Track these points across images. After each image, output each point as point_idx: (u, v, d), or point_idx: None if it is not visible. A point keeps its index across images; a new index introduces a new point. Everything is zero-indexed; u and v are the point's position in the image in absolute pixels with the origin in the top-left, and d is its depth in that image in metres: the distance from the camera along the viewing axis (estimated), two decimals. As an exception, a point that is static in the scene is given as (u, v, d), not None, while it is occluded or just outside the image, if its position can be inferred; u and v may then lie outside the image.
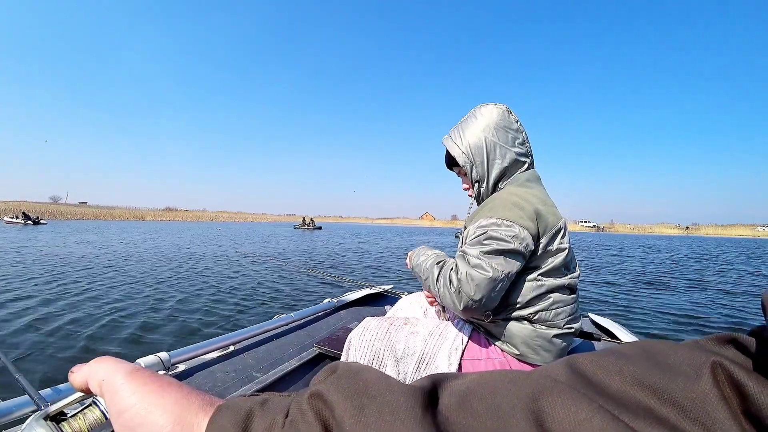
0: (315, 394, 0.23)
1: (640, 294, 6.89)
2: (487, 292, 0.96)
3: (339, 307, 2.34)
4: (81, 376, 0.30)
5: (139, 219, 76.01)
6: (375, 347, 1.14)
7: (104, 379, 0.28)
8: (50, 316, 4.18)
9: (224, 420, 0.23)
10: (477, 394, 0.21)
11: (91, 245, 13.67)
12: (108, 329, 3.83)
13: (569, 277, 1.09)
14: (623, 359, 0.20)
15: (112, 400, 0.27)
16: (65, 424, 0.30)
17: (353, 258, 12.65)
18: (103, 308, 4.59)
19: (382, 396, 0.21)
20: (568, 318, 1.07)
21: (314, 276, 7.25)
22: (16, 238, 16.18)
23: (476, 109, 1.17)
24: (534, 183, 1.14)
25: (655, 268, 11.47)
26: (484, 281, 0.95)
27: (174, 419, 0.24)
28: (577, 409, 0.17)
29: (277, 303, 5.25)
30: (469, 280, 0.96)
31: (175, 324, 4.08)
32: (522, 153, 1.14)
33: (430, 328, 1.15)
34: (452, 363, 1.07)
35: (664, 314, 5.26)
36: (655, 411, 0.17)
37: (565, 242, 1.08)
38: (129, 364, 0.29)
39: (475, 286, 0.96)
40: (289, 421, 0.22)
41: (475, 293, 0.95)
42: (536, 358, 1.04)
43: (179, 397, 0.26)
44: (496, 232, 0.99)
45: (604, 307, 5.61)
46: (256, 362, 1.53)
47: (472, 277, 0.96)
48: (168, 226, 42.07)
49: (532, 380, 0.21)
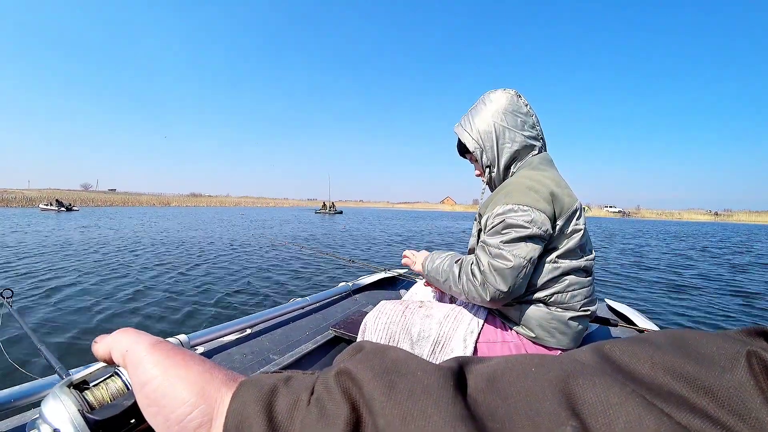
0: (342, 371, 0.23)
1: (655, 289, 6.70)
2: (513, 281, 0.96)
3: (354, 290, 2.37)
4: (104, 346, 0.31)
5: (165, 205, 78.36)
6: (390, 330, 1.15)
7: (127, 350, 0.28)
8: (79, 293, 4.41)
9: (247, 395, 0.23)
10: (504, 376, 0.20)
11: (122, 231, 14.21)
12: (128, 310, 4.00)
13: (585, 259, 1.08)
14: (653, 347, 0.20)
15: (135, 371, 0.27)
16: (88, 392, 0.30)
17: (370, 242, 12.77)
18: (125, 289, 4.80)
19: (413, 374, 0.21)
20: (585, 300, 1.06)
21: (330, 259, 7.32)
22: (56, 224, 16.95)
23: (485, 95, 1.17)
24: (547, 166, 1.12)
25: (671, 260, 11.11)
26: (507, 271, 0.95)
27: (197, 392, 0.24)
28: (609, 393, 0.17)
29: (293, 286, 5.36)
30: (493, 271, 0.97)
31: (194, 306, 4.22)
32: (532, 136, 1.13)
33: (446, 312, 1.15)
34: (468, 346, 1.07)
35: (680, 309, 5.11)
36: (689, 399, 0.17)
37: (580, 224, 1.07)
38: (152, 336, 0.29)
39: (500, 277, 0.96)
40: (314, 398, 0.22)
41: (501, 284, 0.96)
42: (552, 341, 1.04)
43: (202, 370, 0.26)
44: (513, 219, 0.98)
45: (622, 293, 5.50)
46: (273, 344, 1.56)
47: (496, 267, 0.97)
48: (193, 212, 43.32)
49: (560, 364, 0.20)
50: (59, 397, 0.29)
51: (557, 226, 1.02)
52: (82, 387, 0.31)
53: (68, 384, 0.30)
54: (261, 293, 4.90)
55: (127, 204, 71.88)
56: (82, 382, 0.31)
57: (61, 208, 35.08)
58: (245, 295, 4.79)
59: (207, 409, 0.24)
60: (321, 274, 6.33)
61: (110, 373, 0.32)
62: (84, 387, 0.31)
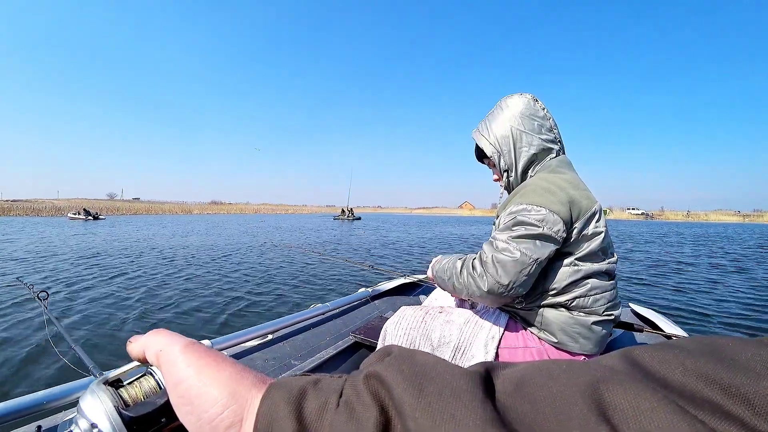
0: (371, 374, 0.23)
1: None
2: (514, 275, 0.95)
3: (374, 296, 2.37)
4: (138, 346, 0.32)
5: (187, 213, 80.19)
6: (411, 336, 1.16)
7: (161, 350, 0.29)
8: (107, 297, 4.56)
9: (277, 397, 0.23)
10: (532, 381, 0.20)
11: (147, 238, 14.62)
12: (154, 315, 4.11)
13: (607, 262, 1.06)
14: (684, 353, 0.19)
15: (169, 371, 0.28)
16: (123, 390, 0.32)
17: (388, 248, 12.74)
18: (150, 294, 4.94)
19: (442, 378, 0.21)
20: (608, 304, 1.04)
21: (349, 265, 7.36)
22: (84, 232, 17.57)
23: (502, 100, 1.17)
24: (565, 168, 1.12)
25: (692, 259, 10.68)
26: (510, 263, 0.95)
27: (228, 393, 0.25)
28: (640, 399, 0.17)
29: (313, 292, 5.40)
30: (496, 263, 0.96)
31: (217, 311, 4.30)
32: (550, 140, 1.13)
33: (466, 317, 1.15)
34: (489, 351, 1.06)
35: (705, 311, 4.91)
36: (723, 406, 0.16)
37: (600, 226, 1.05)
38: (184, 337, 0.31)
39: (502, 268, 0.95)
40: (343, 401, 0.22)
41: (502, 277, 0.95)
42: (575, 346, 1.03)
43: (233, 372, 0.27)
44: (525, 217, 0.98)
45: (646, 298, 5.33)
46: (294, 350, 1.58)
47: (499, 260, 0.96)
48: (215, 219, 44.22)
49: (588, 369, 0.20)
50: (96, 393, 0.30)
51: (575, 230, 1.01)
52: (118, 385, 0.33)
53: (104, 381, 0.32)
54: (282, 299, 4.96)
55: (150, 212, 73.96)
56: (117, 380, 0.33)
57: (88, 217, 36.41)
58: (267, 301, 4.86)
59: (238, 410, 0.25)
60: (340, 279, 6.37)
61: (143, 372, 0.34)
62: (119, 385, 0.33)
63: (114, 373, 0.33)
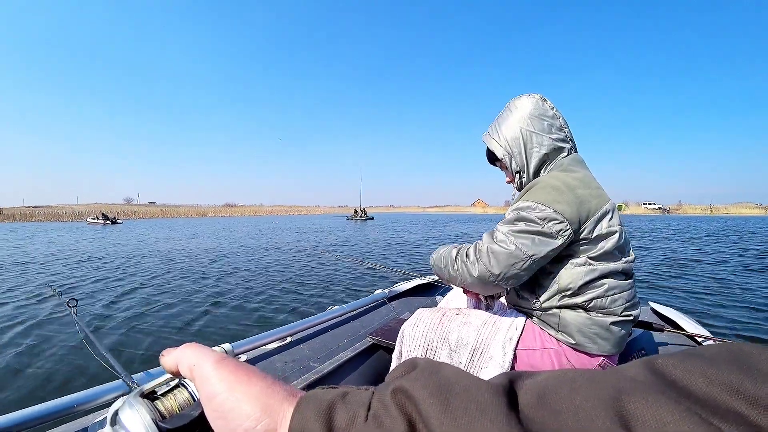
0: (398, 389, 0.23)
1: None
2: (506, 267, 0.97)
3: (390, 297, 2.37)
4: (171, 359, 0.33)
5: (202, 215, 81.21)
6: (428, 338, 1.17)
7: (195, 364, 0.30)
8: (132, 300, 4.67)
9: (308, 411, 0.24)
10: (554, 392, 0.21)
11: (170, 241, 14.88)
12: (175, 319, 4.20)
13: (624, 261, 1.05)
14: (707, 362, 0.19)
15: (203, 385, 0.29)
16: (159, 402, 0.33)
17: (403, 248, 12.73)
18: (175, 297, 5.04)
19: (467, 392, 0.21)
20: (626, 304, 1.03)
21: (365, 267, 7.40)
22: (103, 236, 17.97)
23: (510, 102, 1.18)
24: (577, 166, 1.11)
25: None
26: (503, 254, 0.97)
27: (261, 407, 0.26)
28: (663, 411, 0.17)
29: (330, 294, 5.45)
30: (490, 253, 0.99)
31: (237, 314, 4.39)
32: (561, 138, 1.12)
33: (484, 318, 1.15)
34: (506, 353, 1.07)
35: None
36: (748, 417, 0.16)
37: (614, 225, 1.04)
38: (216, 351, 0.31)
39: (495, 259, 0.98)
40: (372, 414, 0.22)
41: (494, 267, 0.98)
42: (593, 347, 1.02)
43: (264, 386, 0.28)
44: (527, 213, 0.99)
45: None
46: (313, 352, 1.59)
47: (493, 250, 0.99)
48: (229, 222, 44.73)
49: (611, 380, 0.20)
50: (134, 406, 0.32)
51: (585, 229, 1.00)
52: (153, 396, 0.34)
53: (140, 393, 0.34)
54: (299, 302, 5.02)
55: (166, 215, 75.15)
56: (152, 391, 0.34)
57: (106, 222, 37.30)
58: (284, 303, 4.93)
59: (270, 423, 0.25)
60: (356, 281, 6.41)
61: (175, 384, 0.35)
62: (154, 396, 0.34)
63: (149, 385, 0.35)
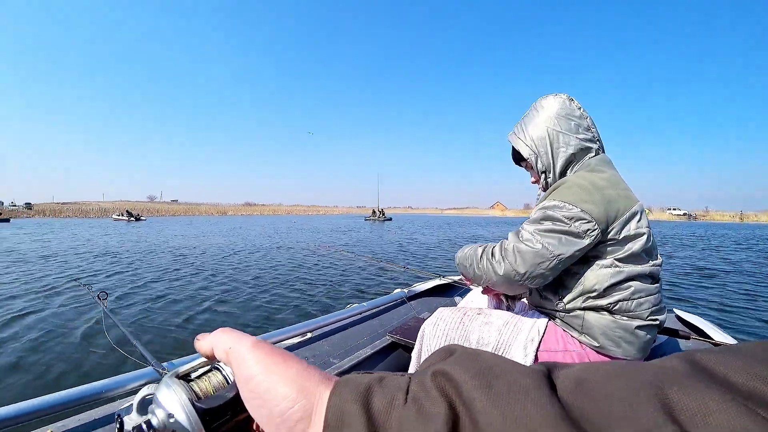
0: (439, 372, 0.23)
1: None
2: (531, 266, 0.96)
3: (409, 297, 2.38)
4: (207, 343, 0.33)
5: (222, 214, 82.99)
6: (449, 337, 1.16)
7: (231, 347, 0.31)
8: (157, 295, 4.82)
9: (345, 393, 0.24)
10: (592, 380, 0.20)
11: (196, 239, 15.25)
12: (200, 314, 4.32)
13: (651, 264, 1.03)
14: (747, 357, 0.18)
15: (239, 368, 0.29)
16: (194, 384, 0.34)
17: (422, 248, 12.71)
18: (197, 292, 5.18)
19: (508, 375, 0.21)
20: (652, 308, 1.01)
21: (384, 267, 7.42)
22: (127, 232, 18.55)
23: (537, 102, 1.17)
24: (605, 166, 1.10)
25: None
26: (530, 253, 0.97)
27: (297, 389, 0.26)
28: (708, 400, 0.16)
29: (349, 292, 5.50)
30: (516, 252, 0.99)
31: (259, 311, 4.48)
32: (588, 139, 1.11)
33: (505, 319, 1.15)
34: (528, 354, 1.06)
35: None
36: None
37: (643, 227, 1.02)
38: (251, 336, 0.32)
39: (521, 257, 0.97)
40: (411, 398, 0.22)
41: (520, 266, 0.97)
42: (617, 351, 1.00)
43: (301, 369, 0.28)
44: (554, 212, 0.98)
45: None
46: (332, 349, 1.62)
47: (519, 249, 0.98)
48: (249, 221, 45.56)
49: (650, 370, 0.20)
50: (171, 386, 0.33)
51: (612, 230, 0.99)
52: (188, 379, 0.35)
53: (176, 375, 0.35)
54: (318, 298, 5.09)
55: (188, 213, 77.16)
56: (186, 374, 0.36)
57: (130, 218, 38.87)
58: (305, 300, 5.00)
59: (307, 405, 0.26)
60: (375, 280, 6.46)
61: (209, 368, 0.36)
62: (189, 379, 0.35)
63: (184, 368, 0.36)
